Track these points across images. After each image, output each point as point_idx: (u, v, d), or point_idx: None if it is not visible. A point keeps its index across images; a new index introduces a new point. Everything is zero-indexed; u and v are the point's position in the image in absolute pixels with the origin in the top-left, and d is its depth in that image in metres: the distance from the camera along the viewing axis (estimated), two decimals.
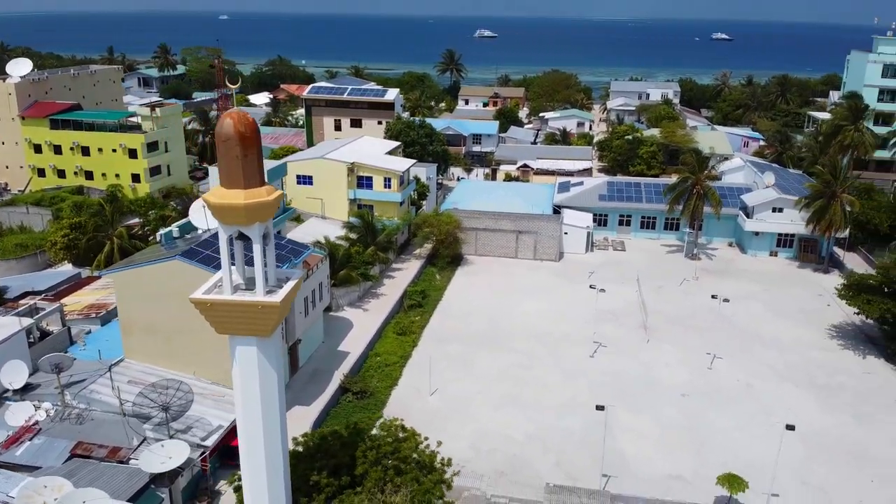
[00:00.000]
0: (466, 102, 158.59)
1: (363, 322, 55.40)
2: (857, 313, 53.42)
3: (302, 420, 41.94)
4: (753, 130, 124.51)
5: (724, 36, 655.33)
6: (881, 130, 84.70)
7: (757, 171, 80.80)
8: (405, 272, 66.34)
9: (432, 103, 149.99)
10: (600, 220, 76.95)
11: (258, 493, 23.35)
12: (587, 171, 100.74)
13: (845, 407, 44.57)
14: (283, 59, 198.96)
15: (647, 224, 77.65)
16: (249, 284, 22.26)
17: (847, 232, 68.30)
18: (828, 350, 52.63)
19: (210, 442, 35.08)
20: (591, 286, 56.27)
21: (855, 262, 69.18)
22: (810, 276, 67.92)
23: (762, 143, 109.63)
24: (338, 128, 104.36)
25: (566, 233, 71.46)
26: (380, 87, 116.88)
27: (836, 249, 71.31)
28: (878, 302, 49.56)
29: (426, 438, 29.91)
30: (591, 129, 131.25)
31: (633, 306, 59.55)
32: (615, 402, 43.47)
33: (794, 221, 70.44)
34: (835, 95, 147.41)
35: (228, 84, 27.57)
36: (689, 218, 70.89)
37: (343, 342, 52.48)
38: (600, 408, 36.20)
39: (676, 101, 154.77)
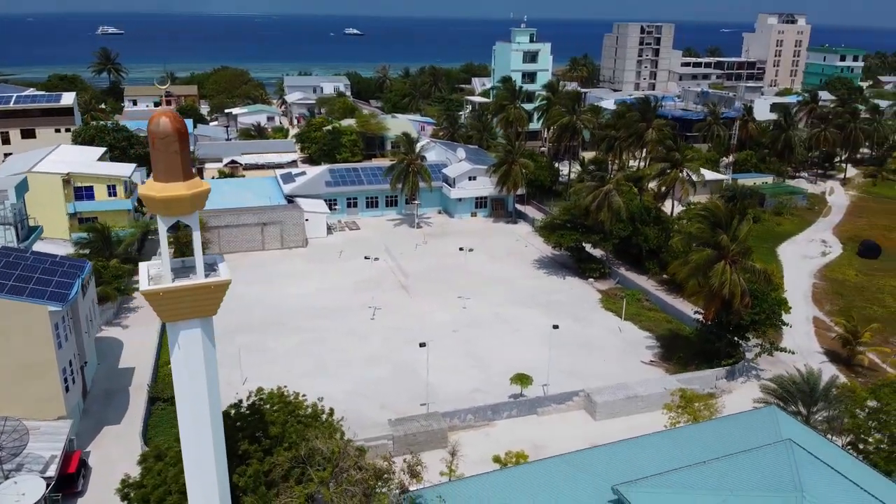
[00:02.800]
0: (134, 103, 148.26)
1: (132, 337, 53.85)
2: (554, 247, 69.08)
3: (126, 436, 40.89)
4: (423, 116, 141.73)
5: (355, 31, 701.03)
6: (529, 106, 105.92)
7: (447, 149, 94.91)
8: None
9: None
10: (330, 205, 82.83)
11: (206, 475, 24.81)
12: (294, 163, 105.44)
13: (565, 315, 58.54)
14: None
15: (372, 203, 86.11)
16: (177, 273, 23.74)
17: (524, 189, 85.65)
18: (538, 278, 67.26)
19: (52, 473, 32.96)
20: (365, 257, 62.58)
21: (532, 213, 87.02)
22: (505, 228, 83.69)
23: (435, 126, 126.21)
24: (6, 141, 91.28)
25: (307, 219, 75.85)
26: (49, 93, 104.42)
27: (518, 205, 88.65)
28: (569, 234, 65.27)
29: (305, 396, 33.34)
30: (280, 122, 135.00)
31: (387, 272, 67.35)
32: (406, 348, 51.42)
33: (485, 186, 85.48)
34: (477, 81, 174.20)
35: (158, 85, 26.84)
36: (409, 193, 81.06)
37: (122, 360, 50.72)
38: (423, 345, 43.20)
39: (348, 93, 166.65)
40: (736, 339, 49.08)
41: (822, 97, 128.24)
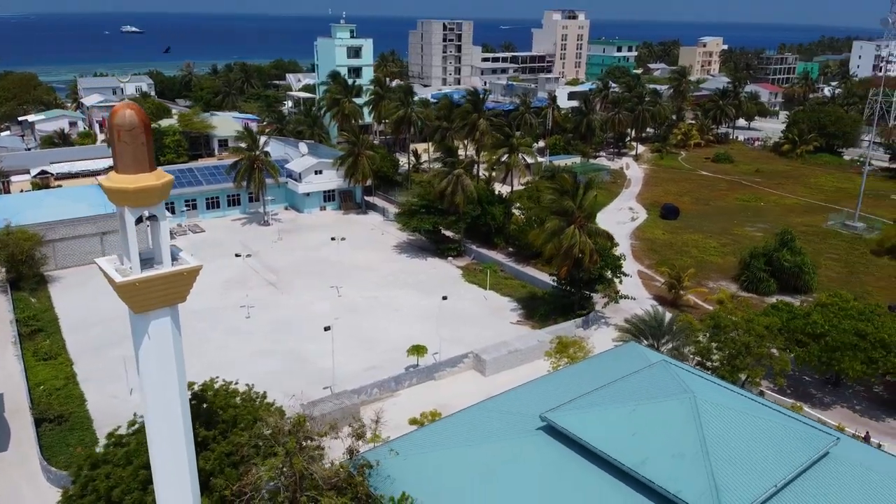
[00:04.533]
0: None
1: None
2: (413, 231, 73.00)
3: (18, 461, 38.28)
4: (241, 113, 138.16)
5: (133, 29, 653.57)
6: (359, 101, 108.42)
7: (285, 144, 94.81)
8: None
9: None
10: (167, 208, 79.34)
11: (178, 463, 25.21)
12: (111, 169, 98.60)
13: (436, 291, 62.58)
14: None
15: (213, 204, 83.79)
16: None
17: (371, 180, 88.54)
18: (402, 262, 70.84)
19: None
20: (237, 255, 61.71)
21: (380, 203, 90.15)
22: (357, 219, 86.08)
23: (260, 123, 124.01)
24: None
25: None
26: None
27: (364, 196, 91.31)
28: (427, 218, 69.60)
29: (237, 382, 34.04)
30: (86, 127, 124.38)
31: (250, 271, 66.88)
32: (291, 340, 52.70)
33: (332, 179, 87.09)
34: (292, 77, 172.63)
35: (119, 80, 25.23)
36: (256, 190, 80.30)
37: None
38: (327, 328, 44.85)
39: (153, 93, 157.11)
40: (587, 292, 56.53)
41: (611, 85, 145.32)
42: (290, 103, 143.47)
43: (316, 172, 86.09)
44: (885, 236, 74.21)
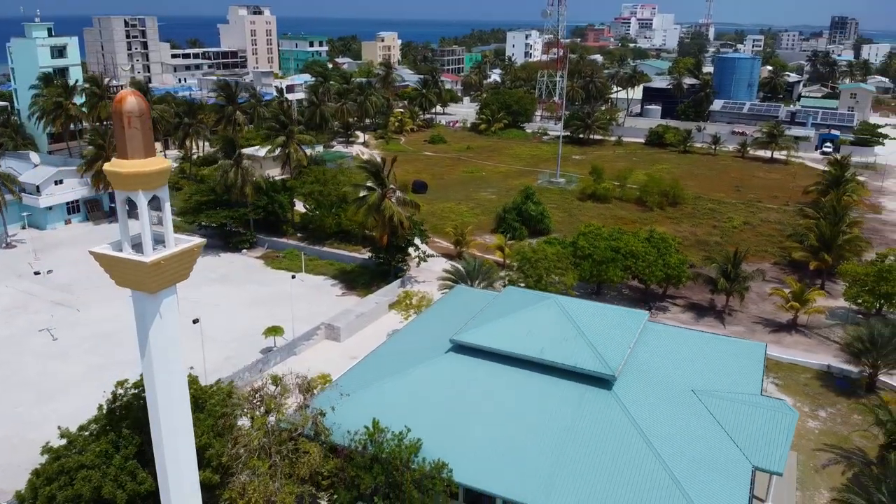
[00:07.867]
0: None
1: None
2: (203, 226, 71.88)
3: None
4: None
5: None
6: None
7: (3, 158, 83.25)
8: None
9: None
10: None
11: (184, 437, 26.33)
12: None
13: (245, 281, 63.97)
14: None
15: None
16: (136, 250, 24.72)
17: None
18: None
19: None
20: (35, 272, 54.88)
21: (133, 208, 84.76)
22: (113, 228, 79.67)
23: None
24: None
25: None
26: None
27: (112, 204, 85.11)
28: (216, 213, 69.49)
29: None
30: None
31: (27, 296, 60.01)
32: (124, 350, 50.54)
33: (75, 188, 79.70)
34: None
35: (122, 69, 22.18)
36: None
37: None
38: (196, 321, 44.89)
39: None
40: (400, 256, 63.72)
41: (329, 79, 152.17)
42: None
43: (57, 183, 77.98)
44: (584, 186, 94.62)
